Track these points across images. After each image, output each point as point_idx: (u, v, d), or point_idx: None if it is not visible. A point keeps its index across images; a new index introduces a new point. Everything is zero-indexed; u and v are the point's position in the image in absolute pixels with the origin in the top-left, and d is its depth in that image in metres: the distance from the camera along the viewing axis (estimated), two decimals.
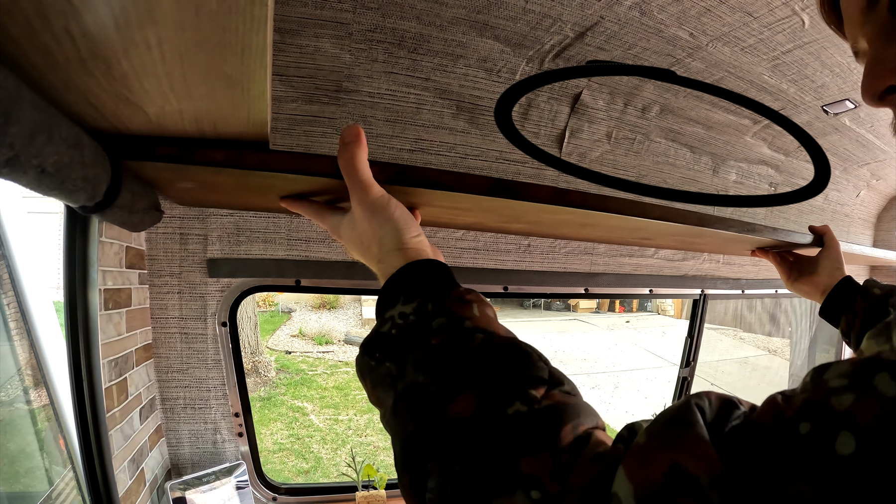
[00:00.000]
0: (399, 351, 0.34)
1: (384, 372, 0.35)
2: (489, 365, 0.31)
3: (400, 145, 0.99)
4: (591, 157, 1.19)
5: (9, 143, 0.28)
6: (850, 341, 0.76)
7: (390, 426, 0.33)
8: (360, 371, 0.38)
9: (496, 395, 0.29)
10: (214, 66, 0.32)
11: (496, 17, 0.81)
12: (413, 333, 0.35)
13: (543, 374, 0.31)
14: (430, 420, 0.30)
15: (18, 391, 1.03)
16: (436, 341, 0.33)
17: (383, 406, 0.35)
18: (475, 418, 0.28)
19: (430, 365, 0.32)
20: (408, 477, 0.30)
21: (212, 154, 0.44)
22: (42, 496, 0.97)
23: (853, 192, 1.91)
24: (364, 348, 0.38)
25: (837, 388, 0.20)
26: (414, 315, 0.36)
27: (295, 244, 1.04)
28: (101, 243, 0.80)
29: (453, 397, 0.29)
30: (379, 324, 0.38)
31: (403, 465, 0.31)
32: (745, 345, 7.85)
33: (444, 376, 0.31)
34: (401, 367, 0.33)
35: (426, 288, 0.38)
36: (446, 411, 0.29)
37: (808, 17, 0.84)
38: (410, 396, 0.32)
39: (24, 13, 0.25)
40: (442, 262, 0.41)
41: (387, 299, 0.39)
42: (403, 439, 0.31)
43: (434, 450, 0.29)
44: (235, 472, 1.14)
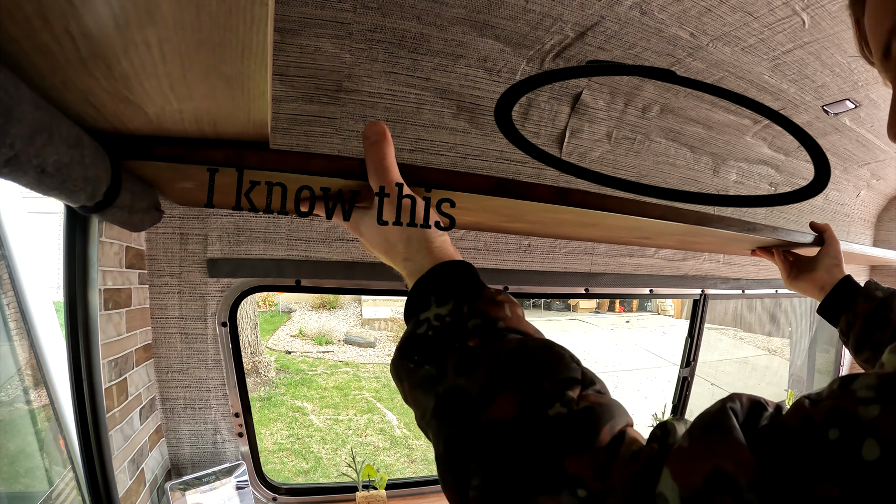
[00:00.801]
0: (437, 353, 0.35)
1: (424, 374, 0.35)
2: (526, 367, 0.32)
3: (400, 145, 0.99)
4: (592, 157, 1.19)
5: (9, 143, 0.28)
6: (847, 341, 0.76)
7: (431, 427, 0.34)
8: (396, 373, 0.38)
9: (536, 397, 0.30)
10: (214, 66, 0.32)
11: (496, 16, 0.81)
12: (449, 335, 0.35)
13: (577, 374, 0.32)
14: (472, 422, 0.30)
15: (18, 391, 1.02)
16: (472, 343, 0.34)
17: (422, 408, 0.35)
18: (517, 420, 0.29)
19: (470, 368, 0.32)
20: (451, 476, 0.31)
21: (212, 153, 0.44)
22: (42, 496, 0.96)
23: (853, 192, 1.91)
24: (401, 351, 0.38)
25: (864, 398, 0.22)
26: (449, 317, 0.36)
27: (295, 244, 1.04)
28: (101, 243, 0.80)
29: (494, 399, 0.30)
30: (413, 325, 0.38)
31: (446, 465, 0.31)
32: (745, 345, 7.84)
33: (484, 379, 0.31)
34: (441, 370, 0.34)
35: (458, 289, 0.38)
36: (487, 413, 0.30)
37: (808, 16, 0.84)
38: (452, 399, 0.32)
39: (24, 13, 0.25)
40: (468, 263, 0.41)
41: (418, 300, 0.40)
42: (446, 440, 0.32)
43: (477, 450, 0.30)
44: (235, 472, 1.14)
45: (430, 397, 0.34)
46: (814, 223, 0.90)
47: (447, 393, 0.33)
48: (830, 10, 0.83)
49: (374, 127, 0.44)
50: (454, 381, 0.33)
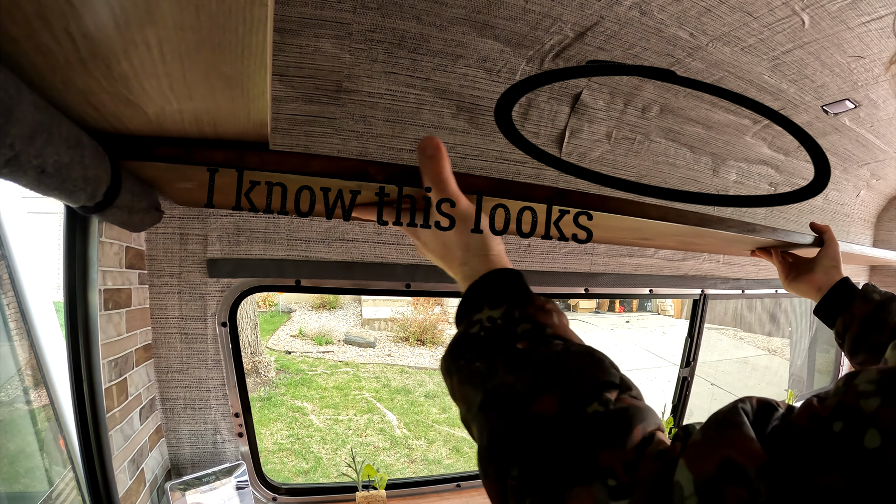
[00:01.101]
0: (489, 352, 0.38)
1: (474, 371, 0.38)
2: (569, 370, 0.34)
3: (400, 145, 0.99)
4: (591, 157, 1.19)
5: (9, 144, 0.28)
6: (843, 343, 0.75)
7: (476, 420, 0.36)
8: (447, 369, 0.41)
9: (576, 396, 0.33)
10: (214, 67, 0.32)
11: (496, 16, 0.81)
12: (500, 336, 0.38)
13: (615, 379, 0.35)
14: (517, 416, 0.33)
15: (18, 391, 1.03)
16: (521, 345, 0.37)
17: (468, 402, 0.38)
18: (558, 415, 0.32)
19: (519, 367, 0.35)
20: (492, 467, 0.33)
21: (212, 154, 0.44)
22: (42, 496, 0.97)
23: (853, 191, 1.91)
24: (453, 348, 0.41)
25: (866, 392, 0.24)
26: (501, 320, 0.39)
27: (295, 244, 1.04)
28: (100, 243, 0.80)
29: (538, 397, 0.33)
30: (466, 326, 0.41)
31: (489, 456, 0.34)
32: (745, 345, 7.84)
33: (531, 378, 0.34)
34: (491, 368, 0.37)
35: (510, 295, 0.41)
36: (531, 409, 0.33)
37: (808, 16, 0.84)
38: (500, 394, 0.35)
39: (24, 14, 0.25)
40: (519, 272, 0.44)
41: (471, 302, 0.43)
42: (491, 432, 0.34)
43: (519, 442, 0.32)
44: (235, 472, 1.14)
45: (478, 392, 0.37)
46: (814, 224, 0.89)
47: (496, 389, 0.35)
48: (830, 10, 0.83)
49: (430, 141, 0.46)
50: (503, 379, 0.35)
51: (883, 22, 0.87)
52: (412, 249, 1.13)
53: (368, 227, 1.09)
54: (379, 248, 1.10)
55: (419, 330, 7.99)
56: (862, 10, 0.83)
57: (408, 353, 7.44)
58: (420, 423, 5.11)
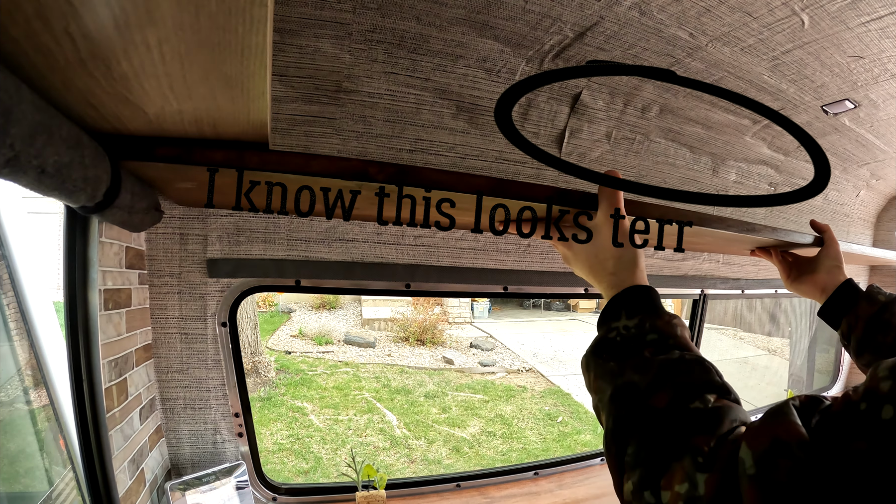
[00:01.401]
0: (620, 355, 0.47)
1: (608, 369, 0.47)
2: (681, 375, 0.43)
3: (400, 145, 0.99)
4: (591, 157, 1.19)
5: (9, 144, 0.28)
6: (848, 345, 0.75)
7: (605, 409, 0.46)
8: (586, 364, 0.51)
9: (683, 395, 0.42)
10: (214, 67, 0.32)
11: (496, 17, 0.81)
12: (632, 343, 0.48)
13: (717, 385, 0.43)
14: (637, 407, 0.43)
15: (18, 391, 1.03)
16: (647, 352, 0.46)
17: (601, 393, 0.47)
18: (667, 408, 0.41)
19: (642, 370, 0.45)
20: (615, 446, 0.43)
21: (212, 154, 0.44)
22: (42, 496, 0.97)
23: (853, 192, 1.91)
24: (594, 348, 0.51)
25: (883, 377, 0.31)
26: (635, 329, 0.49)
27: (295, 244, 1.04)
28: (100, 243, 0.80)
29: (655, 394, 0.42)
30: (606, 330, 0.51)
31: (613, 438, 0.43)
32: (744, 345, 7.84)
33: (651, 379, 0.43)
34: (621, 368, 0.46)
35: (645, 308, 0.51)
36: (649, 402, 0.42)
37: (807, 16, 0.84)
38: (625, 390, 0.44)
39: (24, 14, 0.25)
40: (654, 288, 0.54)
41: (612, 311, 0.52)
42: (616, 419, 0.44)
43: (636, 427, 0.42)
44: (235, 472, 1.14)
45: (609, 386, 0.46)
46: (814, 222, 0.89)
47: (623, 385, 0.45)
48: (830, 10, 0.83)
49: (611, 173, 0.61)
50: (630, 378, 0.45)
51: (883, 22, 0.87)
52: (412, 249, 1.13)
53: (368, 227, 1.09)
54: (379, 248, 1.10)
55: (419, 330, 7.99)
56: (862, 10, 0.83)
57: (408, 353, 7.44)
58: (420, 423, 5.11)
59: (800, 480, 0.30)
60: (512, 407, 5.67)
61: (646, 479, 0.39)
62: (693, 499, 0.35)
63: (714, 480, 0.34)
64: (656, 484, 0.38)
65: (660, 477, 0.38)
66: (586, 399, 5.85)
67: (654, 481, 0.38)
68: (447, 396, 5.86)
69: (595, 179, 0.63)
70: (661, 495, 0.37)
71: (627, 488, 0.40)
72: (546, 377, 6.71)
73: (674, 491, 0.36)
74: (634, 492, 0.39)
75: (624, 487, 0.41)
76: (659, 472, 0.38)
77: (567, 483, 1.53)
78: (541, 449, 4.73)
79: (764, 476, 0.32)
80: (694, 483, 0.35)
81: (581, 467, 1.65)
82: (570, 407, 5.69)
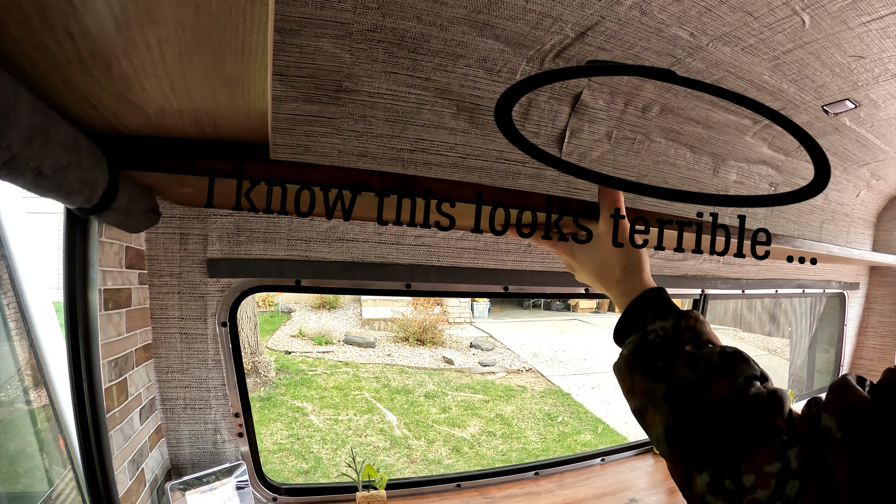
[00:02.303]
0: (666, 354, 0.49)
1: (657, 369, 0.48)
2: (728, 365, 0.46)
3: (400, 145, 0.99)
4: (592, 157, 1.19)
5: (6, 146, 0.28)
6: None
7: (660, 408, 0.47)
8: (628, 369, 0.52)
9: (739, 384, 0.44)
10: (214, 66, 0.32)
11: (496, 16, 0.81)
12: (672, 342, 0.49)
13: (758, 371, 0.46)
14: (696, 401, 0.44)
15: (18, 391, 1.02)
16: (688, 348, 0.48)
17: (650, 394, 0.48)
18: (727, 399, 0.43)
19: (693, 365, 0.46)
20: (678, 443, 0.44)
21: (211, 163, 0.44)
22: (42, 496, 0.96)
23: (853, 192, 1.91)
24: (634, 352, 0.52)
25: None
26: (672, 329, 0.50)
27: (295, 244, 1.04)
28: (100, 243, 0.80)
29: (710, 386, 0.44)
30: (642, 334, 0.52)
31: (675, 435, 0.44)
32: (745, 345, 7.82)
33: (704, 373, 0.45)
34: (671, 366, 0.48)
35: (671, 309, 0.53)
36: (708, 395, 0.44)
37: (808, 16, 0.84)
38: (681, 386, 0.46)
39: (24, 13, 0.25)
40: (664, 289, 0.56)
41: (635, 317, 0.54)
42: (676, 416, 0.45)
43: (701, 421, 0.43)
44: (235, 472, 1.13)
45: (662, 385, 0.47)
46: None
47: (678, 382, 0.46)
48: (830, 10, 0.83)
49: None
50: (683, 374, 0.46)
51: (883, 22, 0.87)
52: (412, 249, 1.13)
53: (368, 227, 1.09)
54: (379, 248, 1.10)
55: (419, 330, 7.99)
56: (862, 10, 0.83)
57: (408, 353, 7.44)
58: (420, 423, 5.11)
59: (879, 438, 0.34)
60: (512, 407, 5.67)
61: (725, 468, 0.40)
62: (786, 473, 0.37)
63: (801, 454, 0.37)
64: (737, 471, 0.39)
65: (740, 463, 0.39)
66: (586, 399, 5.85)
67: (735, 468, 0.39)
68: (447, 396, 5.86)
69: (595, 179, 0.63)
70: (742, 480, 0.38)
71: (702, 481, 0.41)
72: (546, 377, 6.71)
73: (763, 472, 0.38)
74: (712, 483, 0.40)
75: (696, 483, 0.41)
76: (739, 459, 0.39)
77: (567, 483, 1.53)
78: (541, 449, 4.72)
79: (851, 438, 0.35)
80: (786, 459, 0.37)
81: (581, 467, 1.65)
82: (570, 407, 5.68)
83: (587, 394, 6.01)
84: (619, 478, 1.59)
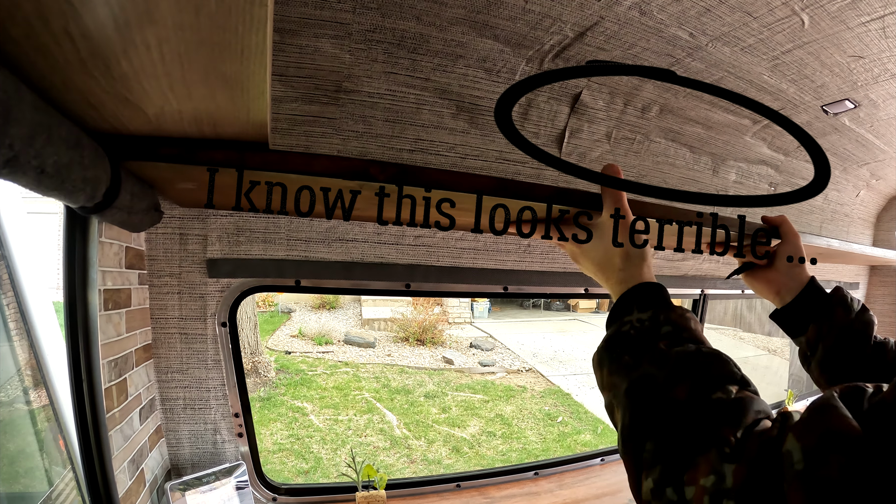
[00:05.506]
0: (635, 348, 0.46)
1: (622, 363, 0.46)
2: (700, 367, 0.42)
3: (400, 145, 0.99)
4: (591, 157, 1.19)
5: (8, 144, 0.28)
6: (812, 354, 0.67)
7: (620, 404, 0.44)
8: (599, 361, 0.49)
9: (704, 386, 0.41)
10: (214, 67, 0.32)
11: (496, 17, 0.81)
12: (646, 335, 0.47)
13: (736, 377, 0.42)
14: (655, 400, 0.41)
15: (18, 391, 1.02)
16: (662, 345, 0.45)
17: (615, 389, 0.46)
18: (688, 400, 0.40)
19: (661, 362, 0.43)
20: (631, 442, 0.41)
21: (213, 154, 0.44)
22: (42, 496, 0.96)
23: (853, 191, 1.91)
24: (607, 343, 0.49)
25: None
26: (648, 322, 0.48)
27: (295, 244, 1.04)
28: (100, 243, 0.80)
29: (674, 386, 0.41)
30: (619, 325, 0.50)
31: (630, 433, 0.41)
32: (744, 345, 7.84)
33: (669, 371, 0.42)
34: (636, 361, 0.45)
35: (657, 302, 0.50)
36: (668, 395, 0.41)
37: (807, 16, 0.84)
38: (643, 382, 0.43)
39: (24, 14, 0.25)
40: (662, 285, 0.53)
41: (623, 306, 0.51)
42: (633, 413, 0.42)
43: (655, 421, 0.40)
44: (235, 472, 1.14)
45: (624, 380, 0.45)
46: (767, 217, 0.77)
47: (640, 378, 0.43)
48: (830, 10, 0.83)
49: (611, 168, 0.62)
50: (646, 370, 0.43)
51: (883, 22, 0.87)
52: (412, 249, 1.13)
53: (368, 227, 1.09)
54: (379, 248, 1.10)
55: (419, 330, 7.99)
56: (862, 10, 0.83)
57: (407, 354, 7.44)
58: (420, 423, 5.11)
59: (853, 477, 0.29)
60: (512, 407, 5.67)
61: (668, 475, 0.37)
62: (720, 491, 0.33)
63: (742, 472, 0.33)
64: (679, 479, 0.36)
65: (683, 472, 0.36)
66: (586, 399, 5.85)
67: (677, 477, 0.36)
68: (447, 396, 5.86)
69: (595, 179, 0.63)
70: (684, 491, 0.35)
71: (647, 486, 0.38)
72: (546, 377, 6.71)
73: (699, 485, 0.35)
74: (655, 490, 0.37)
75: (643, 486, 0.39)
76: (682, 467, 0.36)
77: (567, 483, 1.53)
78: (541, 449, 4.73)
79: (813, 472, 0.30)
80: (721, 475, 0.34)
81: (581, 467, 1.65)
82: (570, 407, 5.69)
83: (587, 394, 6.02)
84: (619, 478, 1.59)
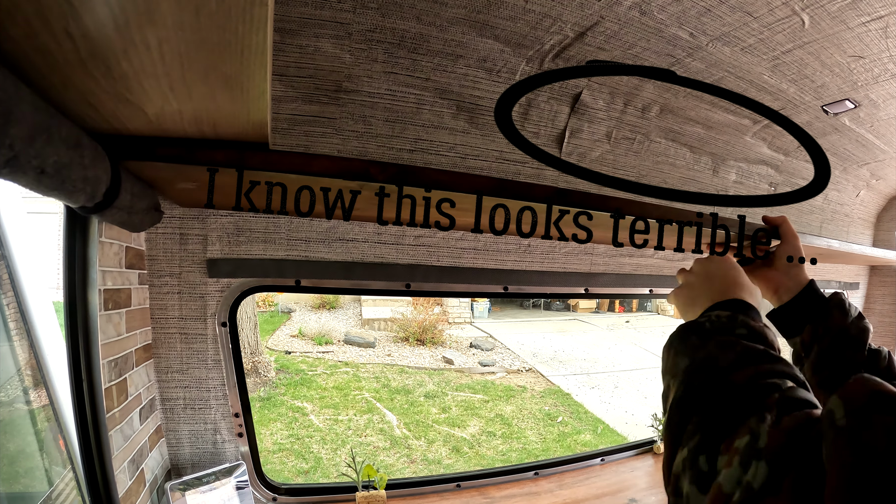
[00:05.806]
0: (706, 334, 0.48)
1: (689, 344, 0.48)
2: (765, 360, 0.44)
3: (400, 145, 0.99)
4: (591, 157, 1.19)
5: (9, 144, 0.28)
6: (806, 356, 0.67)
7: (677, 379, 0.46)
8: (670, 344, 0.51)
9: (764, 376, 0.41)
10: (214, 67, 0.32)
11: (496, 16, 0.81)
12: (721, 328, 0.49)
13: (798, 378, 0.43)
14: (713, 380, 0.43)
15: (18, 391, 1.02)
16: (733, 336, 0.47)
17: (676, 370, 0.47)
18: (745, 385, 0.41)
19: (726, 347, 0.45)
20: (679, 415, 0.42)
21: (213, 154, 0.44)
22: (42, 496, 0.96)
23: (853, 192, 1.91)
24: (681, 329, 0.51)
25: None
26: (726, 319, 0.50)
27: (295, 244, 1.04)
28: (100, 243, 0.80)
29: (736, 370, 0.42)
30: (702, 317, 0.52)
31: (678, 406, 0.43)
32: None
33: (734, 357, 0.44)
34: (703, 343, 0.47)
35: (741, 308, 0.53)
36: (728, 377, 0.42)
37: (807, 16, 0.84)
38: (705, 363, 0.45)
39: (24, 14, 0.25)
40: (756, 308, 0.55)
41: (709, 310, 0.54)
42: (687, 388, 0.43)
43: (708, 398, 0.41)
44: (235, 472, 1.14)
45: (686, 358, 0.46)
46: (767, 217, 0.78)
47: (703, 358, 0.45)
48: (830, 10, 0.83)
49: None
50: (710, 352, 0.45)
51: (883, 22, 0.87)
52: (412, 249, 1.13)
53: (368, 227, 1.09)
54: (379, 248, 1.10)
55: (419, 330, 7.99)
56: (862, 10, 0.83)
57: (407, 353, 7.44)
58: (420, 423, 5.11)
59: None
60: (512, 407, 5.67)
61: (705, 443, 0.37)
62: (752, 451, 0.33)
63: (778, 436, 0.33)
64: (716, 448, 0.36)
65: (721, 441, 0.36)
66: (586, 399, 5.86)
67: (715, 445, 0.36)
68: (447, 396, 5.86)
69: (595, 180, 0.63)
70: (717, 461, 0.35)
71: (680, 457, 0.38)
72: (546, 377, 6.71)
73: (732, 448, 0.34)
74: (688, 458, 0.37)
75: (675, 459, 0.39)
76: (722, 436, 0.36)
77: (567, 483, 1.53)
78: (541, 449, 4.73)
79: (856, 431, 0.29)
80: (756, 435, 0.34)
81: (581, 467, 1.65)
82: (570, 407, 5.69)
83: (587, 394, 6.02)
84: (619, 478, 1.59)
